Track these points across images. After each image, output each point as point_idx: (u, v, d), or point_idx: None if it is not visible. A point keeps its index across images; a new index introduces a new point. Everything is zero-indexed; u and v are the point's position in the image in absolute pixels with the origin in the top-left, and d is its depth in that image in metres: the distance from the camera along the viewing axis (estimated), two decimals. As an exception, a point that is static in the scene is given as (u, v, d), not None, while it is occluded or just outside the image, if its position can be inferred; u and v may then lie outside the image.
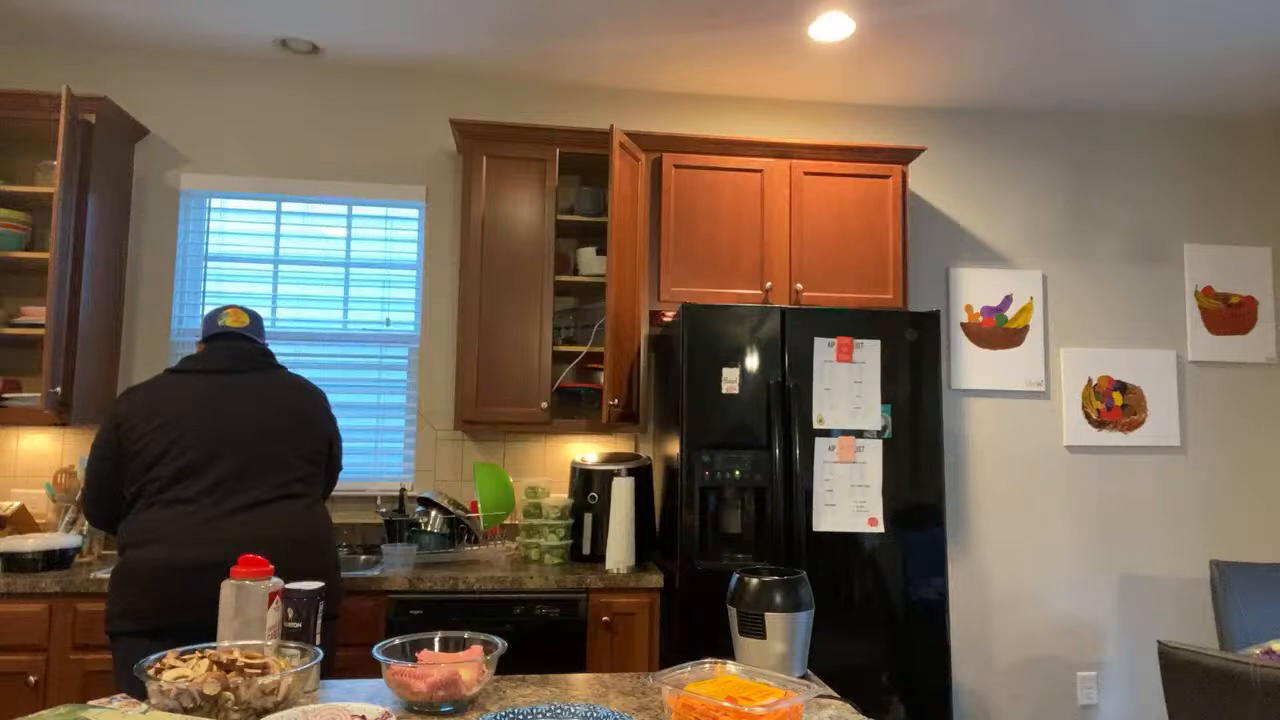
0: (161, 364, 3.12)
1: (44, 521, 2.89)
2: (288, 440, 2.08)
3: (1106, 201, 3.66)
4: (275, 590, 1.45)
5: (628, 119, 3.43)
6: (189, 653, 1.27)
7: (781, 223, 3.11)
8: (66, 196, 2.72)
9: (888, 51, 3.09)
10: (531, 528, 2.86)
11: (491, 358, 2.97)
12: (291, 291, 3.24)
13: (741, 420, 2.65)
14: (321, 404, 2.21)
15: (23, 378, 2.96)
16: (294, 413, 2.11)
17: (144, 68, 3.20)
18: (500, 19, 2.89)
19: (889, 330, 2.73)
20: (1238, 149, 3.75)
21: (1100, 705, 3.42)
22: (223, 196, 3.22)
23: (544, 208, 3.04)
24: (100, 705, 1.15)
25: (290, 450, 2.07)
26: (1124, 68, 3.21)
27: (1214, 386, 3.62)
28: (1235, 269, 3.67)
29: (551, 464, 3.25)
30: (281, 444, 2.06)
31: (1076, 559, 3.49)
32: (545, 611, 2.59)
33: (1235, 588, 2.83)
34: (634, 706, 1.34)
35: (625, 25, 2.92)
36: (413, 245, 3.31)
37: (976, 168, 3.61)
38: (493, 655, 1.36)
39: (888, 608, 2.64)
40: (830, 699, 1.39)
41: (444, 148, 3.33)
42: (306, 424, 2.13)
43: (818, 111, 3.55)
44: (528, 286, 3.01)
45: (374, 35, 3.04)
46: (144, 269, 3.14)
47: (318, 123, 3.28)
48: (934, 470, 2.71)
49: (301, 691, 1.27)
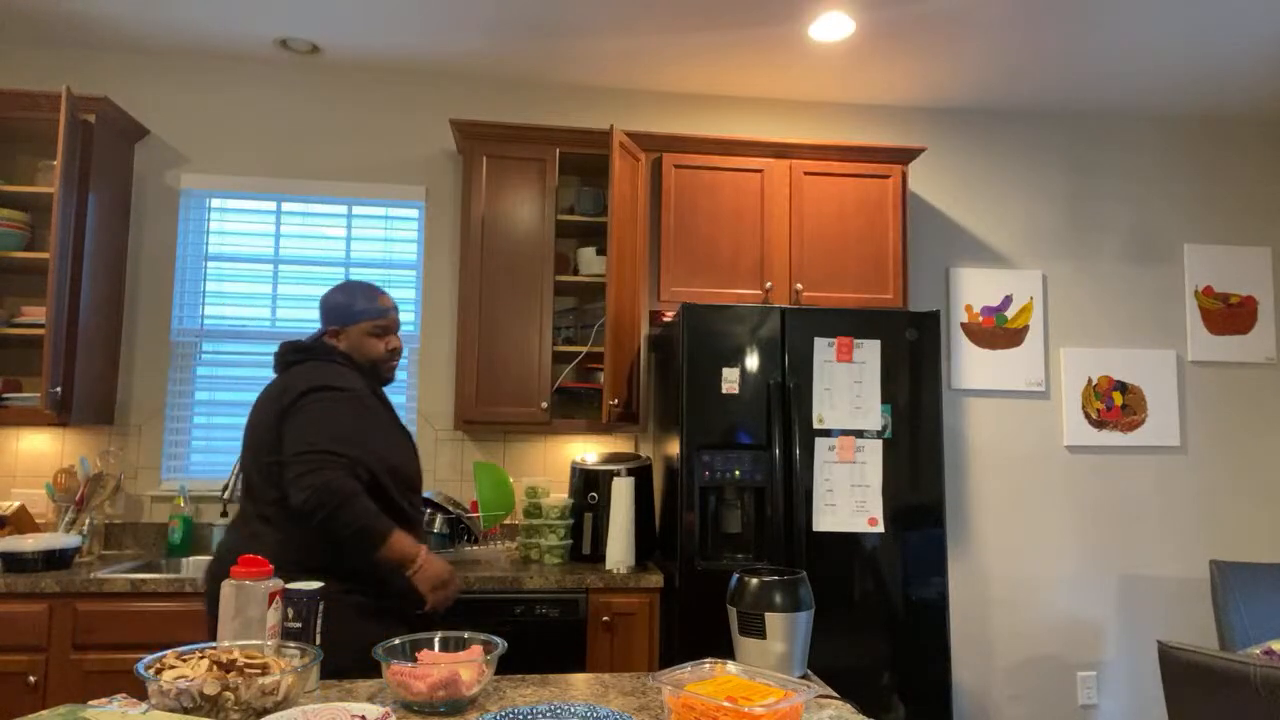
0: (161, 364, 3.12)
1: (44, 521, 2.89)
2: (251, 456, 1.89)
3: (1106, 201, 3.66)
4: (275, 590, 1.45)
5: (628, 119, 3.43)
6: (189, 653, 1.27)
7: (781, 223, 3.11)
8: (66, 196, 2.72)
9: (888, 51, 3.09)
10: (531, 528, 2.86)
11: (491, 358, 2.97)
12: (291, 291, 3.23)
13: (741, 420, 2.65)
14: (270, 412, 1.86)
15: (23, 378, 2.96)
16: (254, 425, 1.90)
17: (144, 68, 3.20)
18: (500, 19, 2.89)
19: (889, 330, 2.73)
20: (1237, 149, 3.75)
21: (1100, 705, 3.42)
22: (223, 196, 3.23)
23: (544, 208, 3.04)
24: (100, 705, 1.15)
25: (253, 468, 1.89)
26: (1124, 68, 3.21)
27: (1214, 386, 3.62)
28: (1235, 269, 3.67)
29: (551, 464, 3.25)
30: (248, 460, 1.90)
31: (1076, 559, 3.48)
32: (545, 611, 2.59)
33: (1235, 588, 2.83)
34: (634, 706, 1.34)
35: (625, 25, 2.92)
36: (413, 245, 3.31)
37: (976, 168, 3.61)
38: (493, 655, 1.36)
39: (888, 608, 2.63)
40: (830, 699, 1.39)
41: (444, 148, 3.33)
42: (259, 437, 1.87)
43: (818, 111, 3.55)
44: (528, 286, 3.01)
45: (374, 35, 3.04)
46: (144, 269, 3.14)
47: (318, 123, 3.28)
48: (934, 470, 2.71)
49: (301, 691, 1.27)
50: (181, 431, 3.13)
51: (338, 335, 2.01)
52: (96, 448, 3.03)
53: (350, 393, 1.87)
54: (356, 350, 2.00)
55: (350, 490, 1.74)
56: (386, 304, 2.03)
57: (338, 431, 1.79)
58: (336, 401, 1.84)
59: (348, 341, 2.00)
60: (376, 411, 1.94)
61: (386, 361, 2.03)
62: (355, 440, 1.81)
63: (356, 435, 1.82)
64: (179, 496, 2.96)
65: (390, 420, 1.98)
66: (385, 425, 1.94)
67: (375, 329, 2.01)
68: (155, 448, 3.08)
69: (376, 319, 2.01)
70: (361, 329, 2.00)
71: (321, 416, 1.80)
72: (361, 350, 2.00)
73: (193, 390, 3.14)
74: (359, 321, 2.00)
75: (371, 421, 1.89)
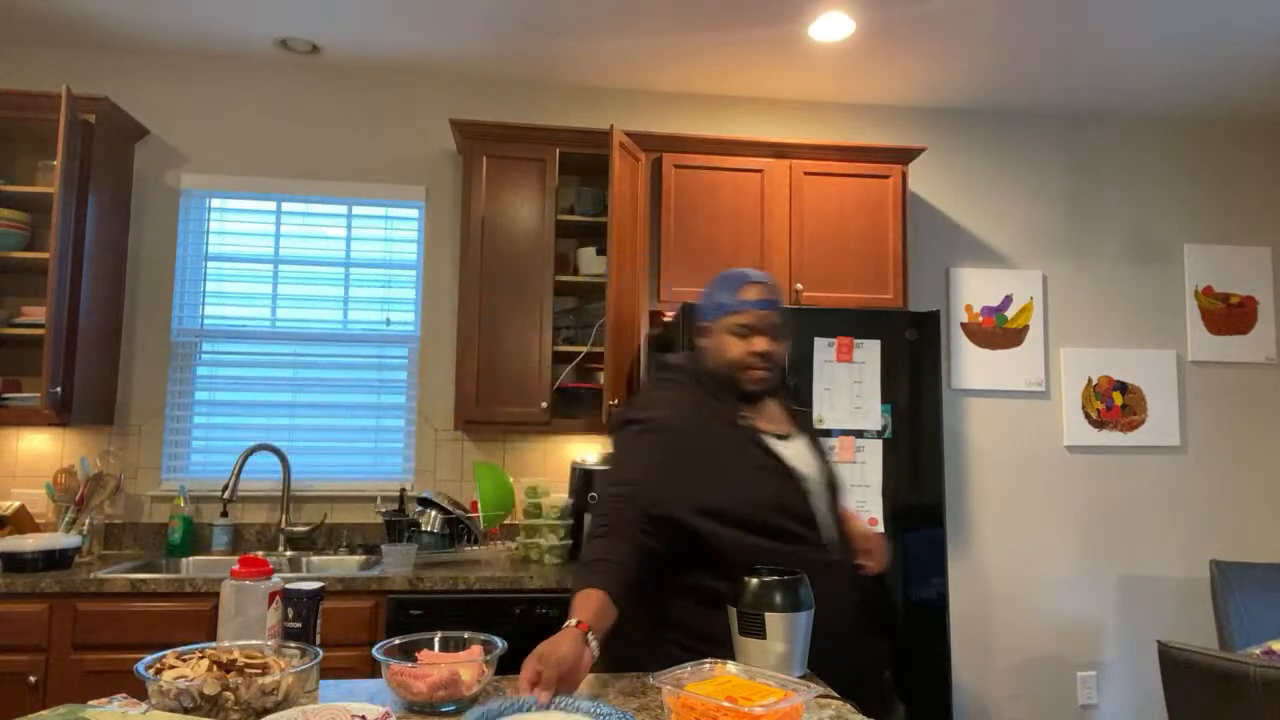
0: (161, 364, 3.12)
1: (44, 521, 2.89)
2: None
3: (1106, 201, 3.66)
4: (275, 590, 1.44)
5: (628, 119, 3.43)
6: (189, 653, 1.27)
7: (781, 223, 3.11)
8: (66, 196, 2.72)
9: (888, 51, 3.09)
10: (531, 528, 2.86)
11: (491, 357, 2.97)
12: (291, 291, 3.23)
13: (741, 420, 2.64)
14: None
15: (23, 378, 2.96)
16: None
17: (144, 68, 3.20)
18: (500, 19, 2.89)
19: (889, 330, 2.73)
20: (1238, 149, 3.75)
21: (1100, 705, 3.42)
22: (223, 196, 3.23)
23: (544, 208, 3.04)
24: (100, 705, 1.15)
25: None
26: (1124, 68, 3.21)
27: (1214, 386, 3.62)
28: (1235, 269, 3.67)
29: (551, 464, 3.25)
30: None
31: (1076, 559, 3.48)
32: (545, 611, 2.59)
33: (1235, 588, 2.83)
34: (634, 706, 1.34)
35: (625, 25, 2.92)
36: (413, 245, 3.31)
37: (976, 168, 3.61)
38: (493, 655, 1.36)
39: (888, 608, 2.63)
40: (830, 699, 1.39)
41: (444, 148, 3.33)
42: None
43: (818, 111, 3.55)
44: (528, 286, 3.01)
45: (374, 35, 3.04)
46: (144, 269, 3.14)
47: (318, 123, 3.28)
48: (934, 470, 2.71)
49: (301, 691, 1.27)
50: (181, 431, 3.13)
51: (705, 333, 1.69)
52: (96, 448, 3.03)
53: (658, 428, 1.60)
54: (715, 354, 1.67)
55: (590, 532, 1.53)
56: (749, 296, 1.63)
57: (626, 475, 1.56)
58: (637, 439, 1.60)
59: (711, 343, 1.68)
60: (700, 446, 1.59)
61: (747, 369, 1.63)
62: (646, 482, 1.54)
63: (648, 476, 1.55)
64: (179, 496, 2.96)
65: (734, 451, 1.60)
66: (712, 460, 1.58)
67: (736, 328, 1.64)
68: (155, 448, 3.08)
69: (736, 314, 1.64)
70: (723, 326, 1.65)
71: (615, 459, 1.62)
72: (719, 353, 1.66)
73: (193, 390, 3.14)
74: (719, 317, 1.66)
75: (687, 458, 1.57)
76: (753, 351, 1.63)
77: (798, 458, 1.64)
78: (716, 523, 1.54)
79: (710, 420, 1.61)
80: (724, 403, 1.64)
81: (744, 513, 1.55)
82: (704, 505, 1.54)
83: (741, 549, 1.53)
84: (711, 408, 1.63)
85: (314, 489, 3.12)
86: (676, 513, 1.54)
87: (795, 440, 1.68)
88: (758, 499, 1.56)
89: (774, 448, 1.62)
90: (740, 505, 1.55)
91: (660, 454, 1.57)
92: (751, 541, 1.54)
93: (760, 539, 1.55)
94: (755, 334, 1.63)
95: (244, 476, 3.07)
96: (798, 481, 1.60)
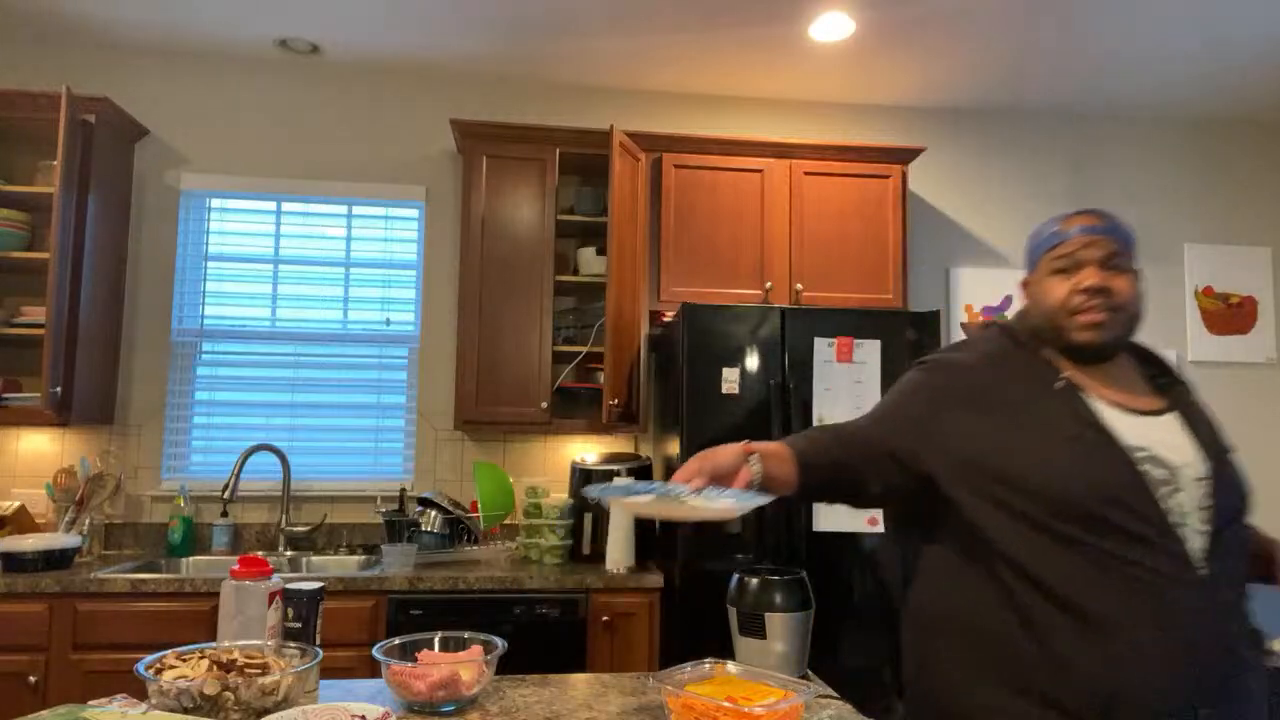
0: (161, 364, 3.12)
1: (44, 521, 2.89)
2: None
3: (1106, 201, 3.66)
4: (275, 590, 1.44)
5: (628, 119, 3.43)
6: (189, 653, 1.27)
7: (781, 223, 3.11)
8: (66, 196, 2.72)
9: (888, 51, 3.09)
10: (531, 528, 2.86)
11: (491, 358, 2.97)
12: (291, 291, 3.23)
13: (741, 420, 2.65)
14: None
15: (23, 378, 2.96)
16: None
17: (144, 68, 3.20)
18: (500, 19, 2.89)
19: (889, 330, 2.73)
20: (1237, 149, 3.75)
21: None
22: (223, 196, 3.23)
23: (544, 208, 3.04)
24: (100, 705, 1.15)
25: None
26: (1124, 67, 3.21)
27: (1214, 386, 3.62)
28: (1235, 269, 3.67)
29: (551, 464, 3.25)
30: None
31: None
32: (545, 611, 2.59)
33: (1235, 588, 2.82)
34: (634, 706, 1.34)
35: (625, 26, 2.92)
36: (413, 245, 3.31)
37: (976, 168, 3.61)
38: (493, 655, 1.36)
39: (888, 608, 2.63)
40: (830, 699, 1.39)
41: (444, 148, 3.33)
42: None
43: (818, 111, 3.55)
44: (528, 286, 3.01)
45: (374, 35, 3.04)
46: (144, 269, 3.14)
47: (317, 123, 3.28)
48: (934, 470, 2.70)
49: (301, 691, 1.27)
50: (181, 431, 3.13)
51: (1027, 287, 1.37)
52: (96, 448, 3.03)
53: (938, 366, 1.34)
54: (1037, 304, 1.32)
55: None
56: (1072, 224, 1.30)
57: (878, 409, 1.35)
58: (911, 376, 1.37)
59: (1032, 293, 1.34)
60: (986, 395, 1.27)
61: (1074, 313, 1.26)
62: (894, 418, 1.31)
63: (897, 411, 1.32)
64: (179, 496, 2.96)
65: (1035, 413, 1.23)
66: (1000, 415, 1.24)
67: (1055, 263, 1.29)
68: (155, 448, 3.08)
69: (1054, 248, 1.30)
70: (1044, 268, 1.32)
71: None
72: (1040, 301, 1.31)
73: (193, 390, 3.14)
74: (1038, 259, 1.33)
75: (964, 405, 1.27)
76: (1080, 289, 1.25)
77: (1160, 441, 1.20)
78: (981, 496, 1.21)
79: (1014, 376, 1.28)
80: (1037, 360, 1.29)
81: (1034, 489, 1.17)
82: (967, 461, 1.23)
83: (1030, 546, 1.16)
84: (1024, 362, 1.29)
85: (314, 489, 3.12)
86: (928, 463, 1.26)
87: (1163, 419, 1.24)
88: (1058, 476, 1.16)
89: (1104, 419, 1.21)
90: (1029, 479, 1.17)
91: (929, 392, 1.31)
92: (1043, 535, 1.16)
93: (1056, 527, 1.15)
94: (1083, 267, 1.27)
95: (244, 476, 3.07)
96: (1133, 465, 1.16)
